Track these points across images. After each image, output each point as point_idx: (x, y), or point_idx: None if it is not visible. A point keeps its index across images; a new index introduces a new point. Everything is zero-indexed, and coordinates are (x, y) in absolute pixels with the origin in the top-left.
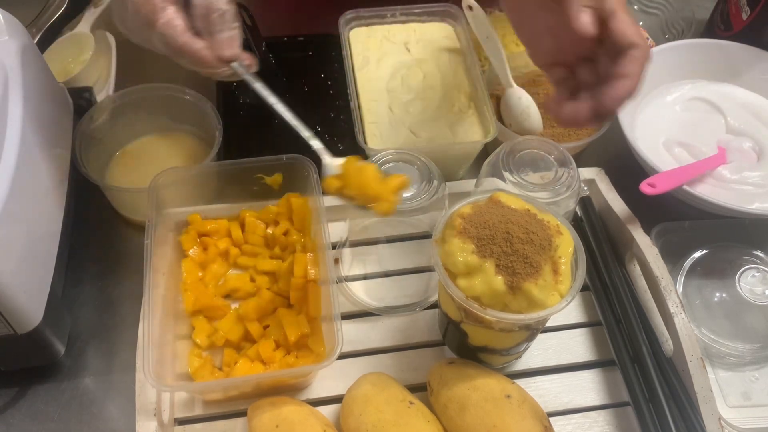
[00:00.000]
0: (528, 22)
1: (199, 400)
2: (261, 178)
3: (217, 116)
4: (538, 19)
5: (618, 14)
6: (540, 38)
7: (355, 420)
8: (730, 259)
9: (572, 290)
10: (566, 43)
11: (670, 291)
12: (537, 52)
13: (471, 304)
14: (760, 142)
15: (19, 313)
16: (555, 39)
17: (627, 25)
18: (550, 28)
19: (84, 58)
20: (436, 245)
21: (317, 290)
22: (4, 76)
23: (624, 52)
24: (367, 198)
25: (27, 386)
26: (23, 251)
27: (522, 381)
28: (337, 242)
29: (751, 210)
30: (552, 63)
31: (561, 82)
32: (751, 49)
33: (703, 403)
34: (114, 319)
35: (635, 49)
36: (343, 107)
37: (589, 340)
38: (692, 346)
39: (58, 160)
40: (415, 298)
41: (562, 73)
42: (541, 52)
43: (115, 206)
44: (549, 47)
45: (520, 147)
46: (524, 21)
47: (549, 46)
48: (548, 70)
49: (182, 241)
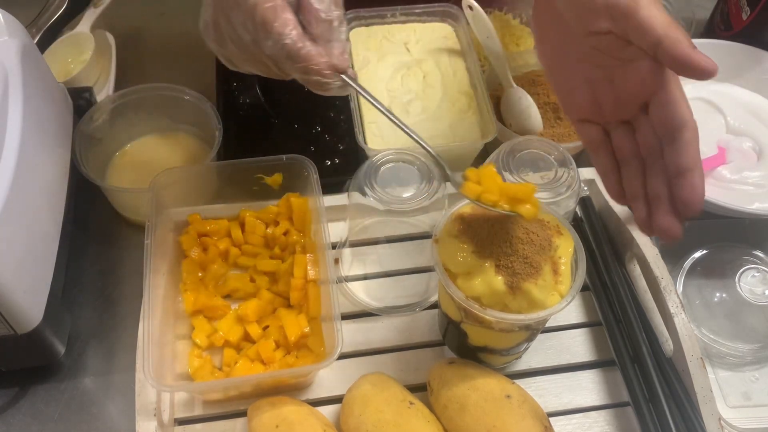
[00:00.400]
0: (565, 71)
1: (199, 400)
2: (261, 178)
3: (217, 116)
4: (576, 71)
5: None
6: (576, 91)
7: (355, 420)
8: (730, 259)
9: (572, 290)
10: (607, 101)
11: (670, 291)
12: (570, 104)
13: (471, 304)
14: (760, 142)
15: (19, 313)
16: (594, 94)
17: (681, 98)
18: (591, 81)
19: (84, 58)
20: (436, 245)
21: (317, 290)
22: (4, 76)
23: (676, 135)
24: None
25: (27, 386)
26: (23, 251)
27: (522, 381)
28: (337, 242)
29: (751, 210)
30: (585, 119)
31: (596, 146)
32: (751, 49)
33: (703, 403)
34: (114, 319)
35: (688, 131)
36: (343, 107)
37: (589, 340)
38: (692, 346)
39: (58, 160)
40: (415, 298)
41: (594, 134)
42: (575, 106)
43: (115, 206)
44: (585, 102)
45: (520, 147)
46: (561, 69)
47: (585, 100)
48: (579, 127)
49: (182, 241)
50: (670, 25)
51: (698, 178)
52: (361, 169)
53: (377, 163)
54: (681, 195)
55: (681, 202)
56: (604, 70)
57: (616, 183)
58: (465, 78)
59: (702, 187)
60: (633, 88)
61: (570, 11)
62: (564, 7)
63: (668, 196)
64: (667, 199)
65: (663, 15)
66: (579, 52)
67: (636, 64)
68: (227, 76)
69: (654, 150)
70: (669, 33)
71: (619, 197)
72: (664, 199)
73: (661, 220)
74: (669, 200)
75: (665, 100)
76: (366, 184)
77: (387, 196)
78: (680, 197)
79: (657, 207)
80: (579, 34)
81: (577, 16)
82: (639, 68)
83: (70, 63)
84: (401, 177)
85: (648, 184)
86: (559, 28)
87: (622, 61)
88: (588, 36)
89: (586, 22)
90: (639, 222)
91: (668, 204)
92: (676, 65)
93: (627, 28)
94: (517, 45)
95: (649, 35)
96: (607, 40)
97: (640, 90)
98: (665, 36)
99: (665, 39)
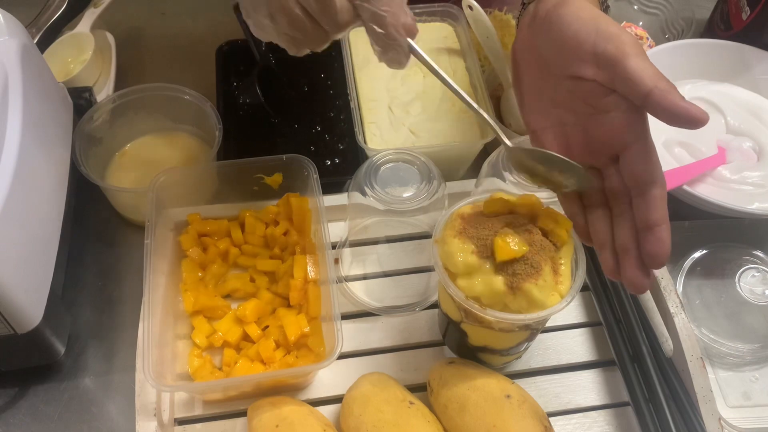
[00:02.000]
0: (538, 110)
1: (199, 400)
2: (261, 178)
3: (217, 116)
4: (550, 112)
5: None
6: (547, 131)
7: (355, 420)
8: (730, 259)
9: (572, 290)
10: (577, 147)
11: (670, 291)
12: (540, 144)
13: (471, 304)
14: (760, 142)
15: (19, 313)
16: (564, 138)
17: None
18: (563, 125)
19: (84, 58)
20: (436, 245)
21: (317, 290)
22: (4, 76)
23: (646, 190)
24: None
25: (27, 386)
26: (23, 251)
27: (522, 381)
28: (337, 242)
29: (751, 210)
30: None
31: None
32: (751, 49)
33: (703, 403)
34: (114, 319)
35: (657, 187)
36: (343, 107)
37: (589, 340)
38: (692, 346)
39: (58, 160)
40: (415, 298)
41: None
42: (544, 146)
43: (115, 206)
44: (555, 144)
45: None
46: (534, 108)
47: (555, 142)
48: None
49: (182, 241)
50: (659, 76)
51: (665, 232)
52: (361, 169)
53: (377, 163)
54: (648, 248)
55: (648, 255)
56: (577, 116)
57: (584, 227)
58: (465, 78)
59: (669, 242)
60: (605, 138)
61: (552, 53)
62: (546, 48)
63: (636, 249)
64: (635, 252)
65: (651, 66)
66: (555, 94)
67: (610, 115)
68: (227, 76)
69: (621, 200)
70: (658, 84)
71: (587, 240)
72: (632, 251)
73: (630, 273)
74: (636, 253)
75: (637, 155)
76: (366, 184)
77: (387, 196)
78: (647, 250)
79: (625, 259)
80: (558, 76)
81: (561, 58)
82: (612, 119)
83: (70, 63)
84: (401, 177)
85: (615, 234)
86: (538, 66)
87: (597, 110)
88: (567, 79)
89: (570, 66)
90: (606, 269)
91: (636, 257)
92: (666, 115)
93: (614, 77)
94: None
95: (639, 86)
96: (588, 87)
97: (612, 141)
98: (655, 87)
99: (655, 90)
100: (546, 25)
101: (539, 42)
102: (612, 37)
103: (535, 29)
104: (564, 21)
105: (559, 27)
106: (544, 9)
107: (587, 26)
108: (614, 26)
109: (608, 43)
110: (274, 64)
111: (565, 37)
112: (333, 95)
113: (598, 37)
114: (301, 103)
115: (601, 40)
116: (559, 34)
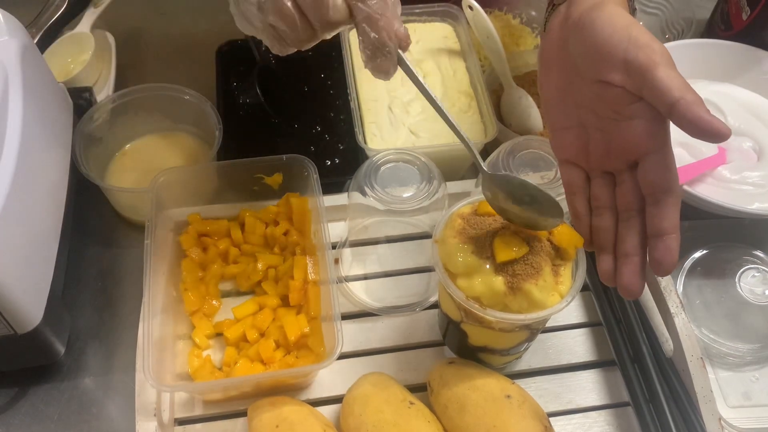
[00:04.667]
0: (562, 110)
1: (199, 400)
2: (261, 178)
3: (217, 116)
4: (573, 113)
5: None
6: (569, 132)
7: (355, 420)
8: (730, 259)
9: (572, 290)
10: (596, 150)
11: (670, 291)
12: (560, 143)
13: (471, 304)
14: (760, 142)
15: (19, 313)
16: (585, 140)
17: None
18: (586, 127)
19: (84, 58)
20: (436, 245)
21: (317, 290)
22: (4, 76)
23: (661, 198)
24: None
25: (27, 386)
26: (23, 251)
27: (522, 381)
28: (337, 242)
29: (751, 210)
30: (570, 161)
31: (575, 190)
32: (751, 49)
33: (703, 403)
34: (114, 319)
35: (673, 197)
36: (343, 107)
37: (589, 340)
38: (692, 346)
39: (58, 160)
40: (415, 298)
41: (576, 177)
42: (564, 146)
43: (115, 206)
44: (575, 145)
45: (520, 147)
46: (559, 107)
47: (575, 144)
48: (563, 167)
49: (182, 241)
50: (687, 87)
51: (675, 242)
52: (361, 169)
53: (377, 163)
54: (657, 256)
55: (655, 262)
56: (600, 120)
57: (587, 229)
58: (465, 78)
59: (677, 252)
60: (625, 144)
61: (583, 57)
62: (577, 52)
63: (639, 256)
64: (637, 258)
65: (680, 77)
66: (581, 96)
67: (634, 122)
68: (227, 76)
69: (631, 207)
70: (685, 95)
71: (588, 243)
72: (633, 257)
73: (626, 278)
74: (638, 260)
75: (657, 163)
76: (366, 184)
77: (387, 196)
78: (655, 257)
79: (624, 264)
80: (586, 79)
81: (590, 62)
82: (636, 127)
83: (70, 63)
84: (401, 177)
85: (618, 239)
86: (566, 67)
87: (621, 117)
88: (595, 83)
89: (599, 71)
90: (602, 273)
91: (636, 263)
92: (690, 127)
93: (642, 85)
94: (517, 45)
95: (666, 95)
96: (615, 93)
97: (633, 147)
98: (681, 98)
99: (681, 101)
100: (578, 28)
101: (570, 44)
102: (643, 46)
103: (566, 31)
104: (597, 26)
105: (592, 31)
106: (577, 12)
107: (620, 33)
108: (646, 35)
109: (639, 51)
110: (274, 64)
111: (597, 41)
112: (333, 95)
113: (629, 45)
114: (301, 103)
115: (633, 48)
116: (592, 39)
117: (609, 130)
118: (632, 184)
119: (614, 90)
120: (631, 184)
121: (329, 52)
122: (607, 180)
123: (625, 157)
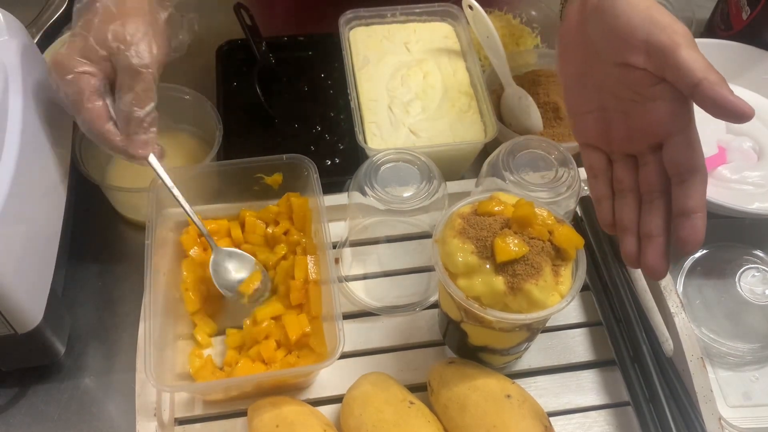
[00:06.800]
0: (582, 95)
1: (200, 400)
2: (261, 178)
3: (217, 116)
4: (594, 97)
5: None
6: (590, 116)
7: (355, 420)
8: (730, 259)
9: (572, 290)
10: (618, 133)
11: (670, 291)
12: (581, 127)
13: (471, 304)
14: (760, 142)
15: (19, 313)
16: (606, 123)
17: (698, 145)
18: (607, 110)
19: None
20: (436, 245)
21: (318, 290)
22: (4, 76)
23: (688, 178)
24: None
25: (27, 386)
26: (23, 251)
27: (522, 381)
28: (337, 242)
29: (751, 210)
30: (591, 145)
31: (597, 173)
32: (751, 49)
33: (703, 403)
34: (114, 319)
35: (699, 176)
36: (343, 107)
37: (589, 340)
38: (692, 346)
39: (58, 160)
40: (415, 298)
41: (598, 161)
42: (585, 130)
43: (115, 206)
44: (596, 129)
45: (520, 147)
46: (579, 92)
47: (597, 127)
48: (584, 150)
49: (182, 241)
50: (709, 67)
51: (701, 220)
52: (361, 169)
53: (377, 163)
54: (682, 234)
55: (681, 241)
56: (622, 103)
57: (609, 212)
58: (465, 78)
59: (703, 230)
60: (648, 127)
61: (603, 40)
62: (597, 35)
63: (663, 237)
64: (661, 239)
65: (702, 57)
66: (602, 80)
67: (657, 103)
68: (227, 76)
69: (654, 189)
70: (708, 76)
71: (610, 226)
72: (657, 238)
73: (651, 258)
74: (663, 241)
75: (681, 144)
76: (366, 184)
77: (387, 196)
78: (681, 236)
79: (648, 245)
80: (607, 62)
81: (612, 46)
82: (659, 108)
83: None
84: (401, 177)
85: (642, 220)
86: (586, 52)
87: (643, 99)
88: (617, 67)
89: (620, 53)
90: (627, 255)
91: (661, 244)
92: (713, 107)
93: (665, 66)
94: (517, 45)
95: (689, 76)
96: (637, 75)
97: (656, 129)
98: (704, 78)
99: (704, 81)
100: (598, 12)
101: (589, 28)
102: (666, 27)
103: (585, 15)
104: (617, 10)
105: (613, 15)
106: None
107: (641, 15)
108: (667, 16)
109: (661, 32)
110: (274, 64)
111: (618, 25)
112: (333, 95)
113: (651, 26)
114: (301, 103)
115: (655, 30)
116: (612, 23)
117: (631, 113)
118: (655, 165)
119: (636, 72)
120: (655, 165)
121: (329, 51)
122: (629, 162)
123: (648, 139)
